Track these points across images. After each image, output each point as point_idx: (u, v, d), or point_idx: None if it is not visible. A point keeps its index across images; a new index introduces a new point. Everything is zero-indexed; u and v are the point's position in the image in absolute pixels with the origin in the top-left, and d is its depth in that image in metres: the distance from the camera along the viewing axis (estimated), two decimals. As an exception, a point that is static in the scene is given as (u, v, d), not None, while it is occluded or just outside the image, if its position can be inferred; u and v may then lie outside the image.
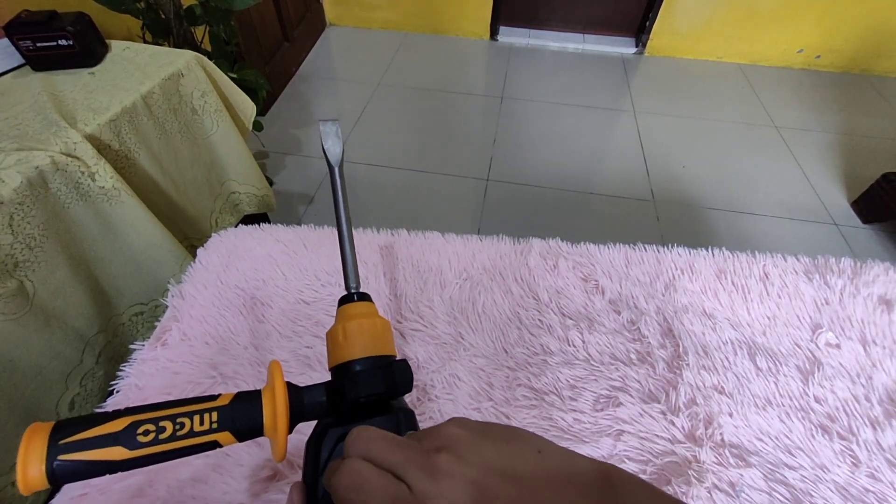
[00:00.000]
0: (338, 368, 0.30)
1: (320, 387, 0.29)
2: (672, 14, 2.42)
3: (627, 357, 0.62)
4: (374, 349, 0.30)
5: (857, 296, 0.69)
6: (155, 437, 0.24)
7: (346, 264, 0.35)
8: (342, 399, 0.28)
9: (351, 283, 0.35)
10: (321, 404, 0.29)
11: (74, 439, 0.23)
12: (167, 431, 0.24)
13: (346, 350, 0.30)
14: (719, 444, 0.53)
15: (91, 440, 0.23)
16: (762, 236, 1.62)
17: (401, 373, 0.30)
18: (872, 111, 2.23)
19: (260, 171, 1.24)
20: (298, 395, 0.28)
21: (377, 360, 0.30)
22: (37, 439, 0.22)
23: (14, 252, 0.68)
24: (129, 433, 0.24)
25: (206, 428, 0.25)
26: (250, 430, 0.26)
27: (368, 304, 0.34)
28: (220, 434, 0.25)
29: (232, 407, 0.26)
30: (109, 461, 0.23)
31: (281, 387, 0.27)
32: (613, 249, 0.75)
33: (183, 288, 0.68)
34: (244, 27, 1.80)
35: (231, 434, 0.26)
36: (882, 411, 0.56)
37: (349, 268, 0.35)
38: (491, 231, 0.80)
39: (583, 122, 2.11)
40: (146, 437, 0.24)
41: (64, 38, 0.86)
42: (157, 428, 0.24)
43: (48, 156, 0.71)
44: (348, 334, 0.30)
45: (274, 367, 0.29)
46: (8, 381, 0.68)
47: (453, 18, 2.61)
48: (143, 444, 0.24)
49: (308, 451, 0.28)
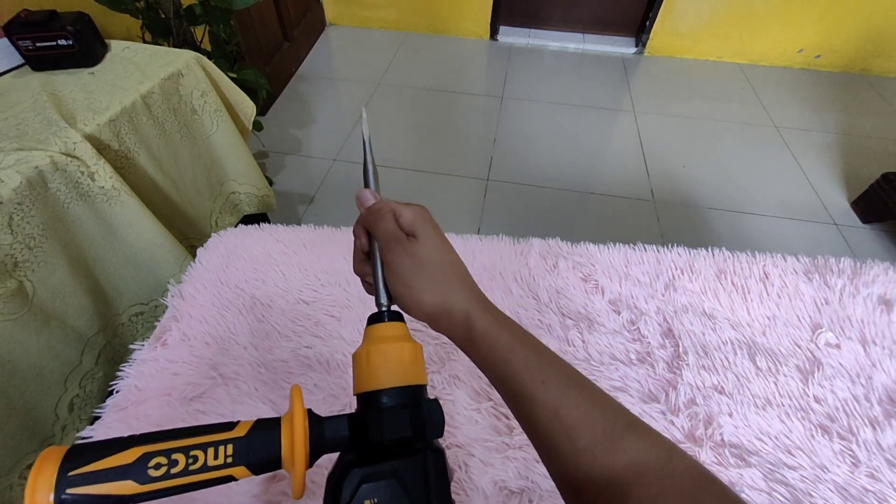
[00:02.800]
0: (363, 397, 0.28)
1: (343, 419, 0.27)
2: (672, 14, 2.42)
3: (627, 357, 0.62)
4: (401, 378, 0.28)
5: (856, 296, 0.69)
6: (167, 471, 0.23)
7: (378, 279, 0.33)
8: (365, 437, 0.27)
9: (381, 299, 0.32)
10: (343, 438, 0.27)
11: (84, 471, 0.22)
12: (179, 465, 0.23)
13: (371, 378, 0.28)
14: (719, 444, 0.53)
15: (101, 472, 0.22)
16: (762, 236, 1.62)
17: (430, 415, 0.27)
18: (872, 111, 2.23)
19: (260, 171, 1.24)
20: (320, 427, 0.27)
21: (405, 393, 0.28)
22: (47, 468, 0.22)
23: (13, 252, 0.68)
24: (140, 466, 0.23)
25: (220, 462, 0.24)
26: (267, 464, 0.25)
27: (399, 325, 0.31)
28: (236, 468, 0.24)
29: (249, 438, 0.25)
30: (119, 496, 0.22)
31: (301, 417, 0.26)
32: (613, 249, 0.75)
33: (183, 288, 0.68)
34: (244, 27, 1.80)
35: (246, 468, 0.24)
36: (882, 411, 0.56)
37: (380, 282, 0.33)
38: (491, 231, 0.80)
39: (583, 122, 2.11)
40: (157, 470, 0.23)
41: (64, 38, 0.86)
42: (170, 461, 0.23)
43: (48, 156, 0.71)
44: (372, 360, 0.28)
45: (295, 394, 0.27)
46: (7, 382, 0.68)
47: (453, 18, 2.61)
48: (154, 478, 0.23)
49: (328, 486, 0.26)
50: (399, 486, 0.25)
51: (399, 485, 0.25)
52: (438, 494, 0.26)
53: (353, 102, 2.16)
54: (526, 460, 0.52)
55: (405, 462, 0.26)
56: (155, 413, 0.56)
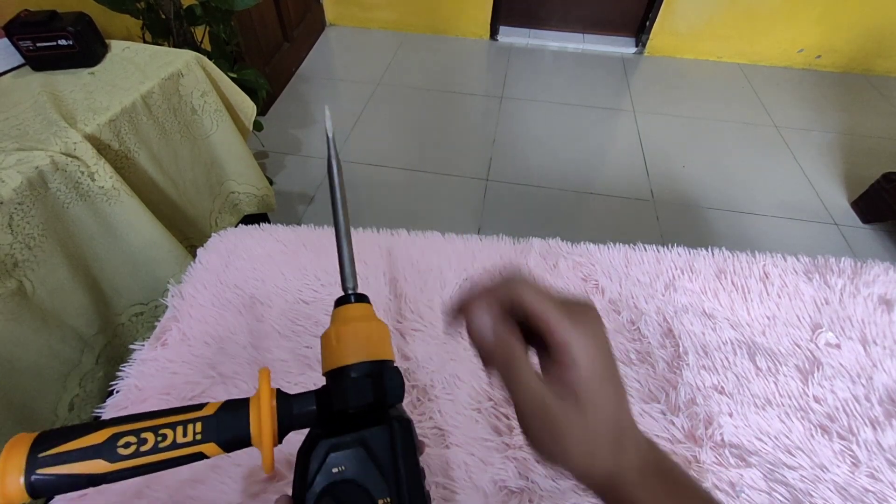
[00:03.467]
0: (331, 374, 0.29)
1: (310, 395, 0.28)
2: (672, 14, 2.42)
3: (627, 357, 0.62)
4: (368, 354, 0.29)
5: (857, 296, 0.68)
6: (136, 449, 0.24)
7: (343, 263, 0.33)
8: (330, 408, 0.27)
9: (348, 283, 0.33)
10: (311, 413, 0.28)
11: (54, 452, 0.23)
12: (149, 443, 0.24)
13: (340, 355, 0.28)
14: (719, 444, 0.53)
15: (71, 453, 0.23)
16: (762, 236, 1.62)
17: (391, 381, 0.28)
18: (873, 111, 2.23)
19: (260, 171, 1.24)
20: (287, 404, 0.27)
21: (372, 367, 0.28)
22: (16, 451, 0.22)
23: (13, 252, 0.68)
24: (109, 446, 0.23)
25: (189, 439, 0.24)
26: (237, 441, 0.26)
27: (366, 305, 0.33)
28: (205, 445, 0.25)
29: (217, 417, 0.26)
30: (90, 474, 0.23)
31: (267, 396, 0.26)
32: (613, 249, 0.75)
33: (182, 288, 0.68)
34: (244, 27, 1.80)
35: (216, 445, 0.25)
36: (882, 411, 0.56)
37: (346, 267, 0.33)
38: (491, 231, 0.80)
39: (583, 122, 2.11)
40: (127, 449, 0.23)
41: (64, 38, 0.86)
42: (139, 440, 0.24)
43: (48, 156, 0.71)
44: (342, 338, 0.29)
45: (262, 374, 0.28)
46: (7, 382, 0.68)
47: (453, 18, 2.61)
48: (124, 456, 0.23)
49: (297, 461, 0.27)
50: (366, 453, 0.26)
51: (366, 452, 0.26)
52: (405, 460, 0.26)
53: (353, 102, 2.16)
54: (526, 460, 0.52)
55: (371, 431, 0.26)
56: (155, 413, 0.56)
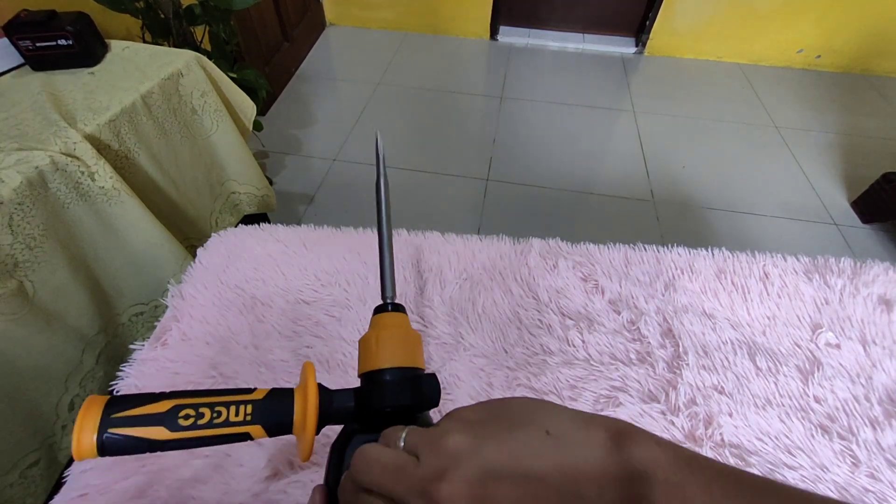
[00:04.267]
0: (367, 375, 0.30)
1: (349, 392, 0.30)
2: (672, 14, 2.42)
3: (627, 357, 0.62)
4: (404, 360, 0.31)
5: (856, 296, 0.69)
6: (194, 422, 0.25)
7: (385, 274, 0.36)
8: (369, 406, 0.29)
9: (388, 293, 0.35)
10: (349, 409, 0.29)
11: (125, 415, 0.24)
12: (206, 418, 0.25)
13: (378, 358, 0.30)
14: (719, 444, 0.53)
15: (139, 417, 0.25)
16: (762, 236, 1.62)
17: (429, 386, 0.30)
18: (873, 111, 2.23)
19: (260, 171, 1.24)
20: (329, 398, 0.29)
21: (406, 372, 0.30)
22: (93, 411, 0.24)
23: (14, 252, 0.68)
24: (172, 415, 0.25)
25: (240, 419, 0.26)
26: (280, 427, 0.27)
27: (402, 315, 0.35)
28: (253, 427, 0.26)
29: (266, 402, 0.27)
30: (153, 440, 0.25)
31: (313, 388, 0.28)
32: (613, 249, 0.75)
33: (183, 288, 0.68)
34: (244, 27, 1.80)
35: (262, 428, 0.26)
36: (882, 411, 0.56)
37: (387, 278, 0.35)
38: (491, 231, 0.80)
39: (583, 122, 2.11)
40: (186, 420, 0.25)
41: (64, 38, 0.86)
42: (197, 413, 0.25)
43: (48, 156, 0.71)
44: (381, 343, 0.31)
45: (308, 368, 0.30)
46: (8, 382, 0.68)
47: (453, 18, 2.61)
48: (183, 427, 0.25)
49: (332, 454, 0.28)
50: None
51: None
52: None
53: (353, 102, 2.16)
54: (526, 460, 0.52)
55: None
56: (155, 413, 0.56)
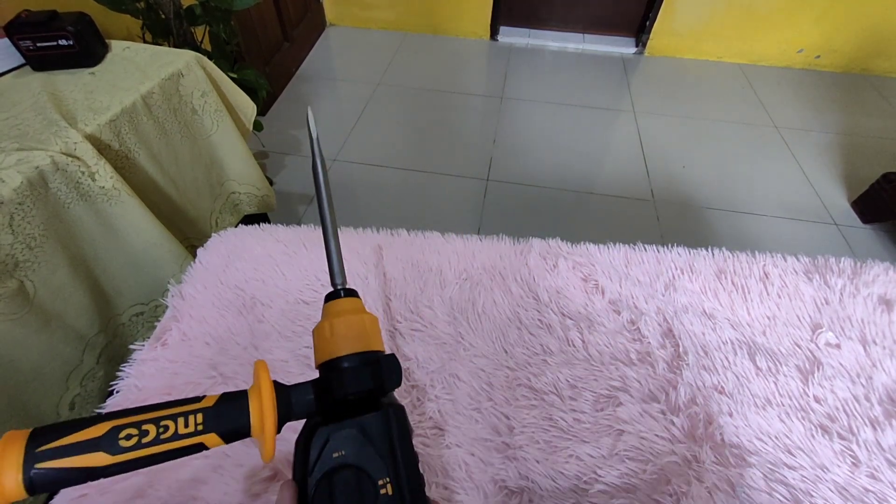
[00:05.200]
0: (325, 365, 0.30)
1: (307, 385, 0.29)
2: (672, 14, 2.42)
3: (627, 357, 0.62)
4: (361, 345, 0.30)
5: (856, 296, 0.69)
6: (138, 441, 0.23)
7: (332, 260, 0.34)
8: (329, 397, 0.28)
9: (337, 279, 0.34)
10: (309, 403, 0.28)
11: (53, 446, 0.22)
12: (150, 434, 0.24)
13: (334, 347, 0.29)
14: (719, 444, 0.53)
15: (70, 447, 0.22)
16: (762, 236, 1.62)
17: (388, 367, 0.29)
18: (872, 111, 2.23)
19: (260, 171, 1.24)
20: (286, 395, 0.28)
21: (365, 356, 0.29)
22: (12, 447, 0.22)
23: (14, 252, 0.68)
24: (110, 438, 0.23)
25: (191, 430, 0.24)
26: (237, 431, 0.26)
27: (355, 300, 0.34)
28: (206, 436, 0.25)
29: (217, 408, 0.26)
30: (91, 468, 0.22)
31: (267, 386, 0.27)
32: (613, 249, 0.75)
33: (183, 288, 0.68)
34: (244, 27, 1.80)
35: (217, 436, 0.25)
36: (882, 411, 0.56)
37: (335, 263, 0.34)
38: (491, 231, 0.80)
39: (583, 122, 2.11)
40: (129, 441, 0.23)
41: (64, 38, 0.86)
42: (140, 432, 0.23)
43: (48, 156, 0.71)
44: (335, 331, 0.30)
45: (259, 366, 0.28)
46: (8, 382, 0.68)
47: (453, 18, 2.61)
48: (126, 448, 0.23)
49: (297, 450, 0.27)
50: (364, 438, 0.27)
51: (364, 437, 0.27)
52: (402, 443, 0.27)
53: (353, 102, 2.16)
54: (526, 460, 0.52)
55: (368, 417, 0.27)
56: (155, 413, 0.56)
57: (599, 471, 0.51)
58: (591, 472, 0.51)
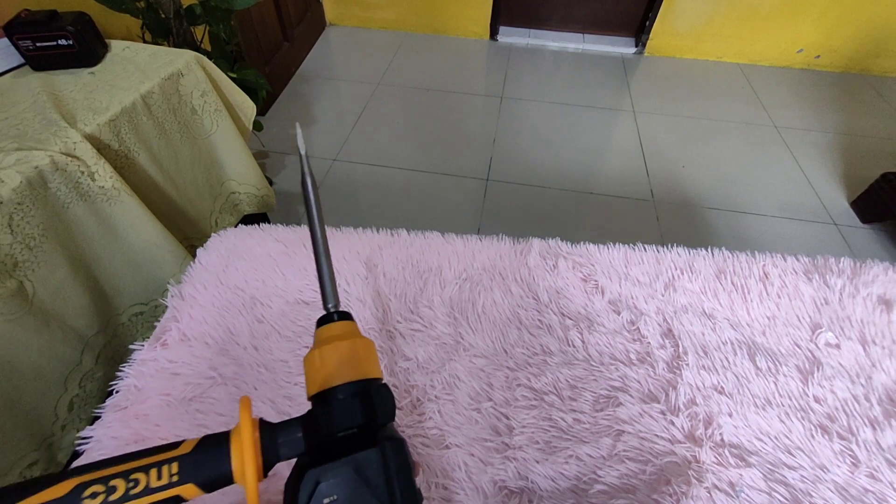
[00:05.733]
0: (317, 397, 0.27)
1: (296, 422, 0.27)
2: (672, 14, 2.42)
3: (627, 357, 0.62)
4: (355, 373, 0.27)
5: (856, 296, 0.69)
6: (104, 499, 0.21)
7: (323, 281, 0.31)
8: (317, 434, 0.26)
9: (329, 301, 0.31)
10: (297, 441, 0.26)
11: None
12: (118, 491, 0.22)
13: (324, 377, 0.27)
14: (719, 444, 0.53)
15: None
16: (762, 236, 1.62)
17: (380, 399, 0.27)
18: (872, 111, 2.23)
19: (260, 171, 1.24)
20: (272, 434, 0.26)
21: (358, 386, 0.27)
22: None
23: (13, 252, 0.68)
24: (73, 498, 0.21)
25: (164, 482, 0.22)
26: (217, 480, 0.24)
27: (349, 323, 0.31)
28: (183, 487, 0.23)
29: (195, 455, 0.24)
30: None
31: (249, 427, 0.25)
32: (613, 249, 0.75)
33: (182, 288, 0.68)
34: (244, 27, 1.80)
35: (196, 486, 0.23)
36: (881, 411, 0.56)
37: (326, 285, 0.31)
38: (491, 231, 0.80)
39: (583, 122, 2.11)
40: (94, 499, 0.21)
41: (64, 38, 0.86)
42: (108, 488, 0.21)
43: (48, 156, 0.71)
44: (325, 359, 0.28)
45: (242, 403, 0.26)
46: (7, 382, 0.68)
47: (453, 18, 2.61)
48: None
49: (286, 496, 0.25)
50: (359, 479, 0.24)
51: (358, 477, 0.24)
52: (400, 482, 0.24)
53: (353, 102, 2.16)
54: (526, 460, 0.52)
55: (362, 454, 0.25)
56: (154, 413, 0.56)
57: (599, 471, 0.51)
58: (590, 473, 0.51)
